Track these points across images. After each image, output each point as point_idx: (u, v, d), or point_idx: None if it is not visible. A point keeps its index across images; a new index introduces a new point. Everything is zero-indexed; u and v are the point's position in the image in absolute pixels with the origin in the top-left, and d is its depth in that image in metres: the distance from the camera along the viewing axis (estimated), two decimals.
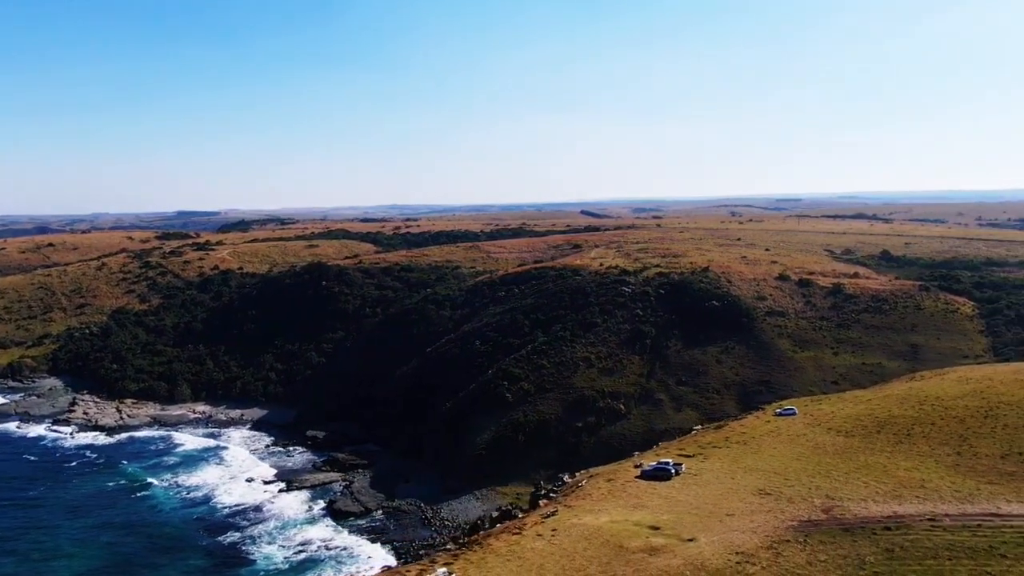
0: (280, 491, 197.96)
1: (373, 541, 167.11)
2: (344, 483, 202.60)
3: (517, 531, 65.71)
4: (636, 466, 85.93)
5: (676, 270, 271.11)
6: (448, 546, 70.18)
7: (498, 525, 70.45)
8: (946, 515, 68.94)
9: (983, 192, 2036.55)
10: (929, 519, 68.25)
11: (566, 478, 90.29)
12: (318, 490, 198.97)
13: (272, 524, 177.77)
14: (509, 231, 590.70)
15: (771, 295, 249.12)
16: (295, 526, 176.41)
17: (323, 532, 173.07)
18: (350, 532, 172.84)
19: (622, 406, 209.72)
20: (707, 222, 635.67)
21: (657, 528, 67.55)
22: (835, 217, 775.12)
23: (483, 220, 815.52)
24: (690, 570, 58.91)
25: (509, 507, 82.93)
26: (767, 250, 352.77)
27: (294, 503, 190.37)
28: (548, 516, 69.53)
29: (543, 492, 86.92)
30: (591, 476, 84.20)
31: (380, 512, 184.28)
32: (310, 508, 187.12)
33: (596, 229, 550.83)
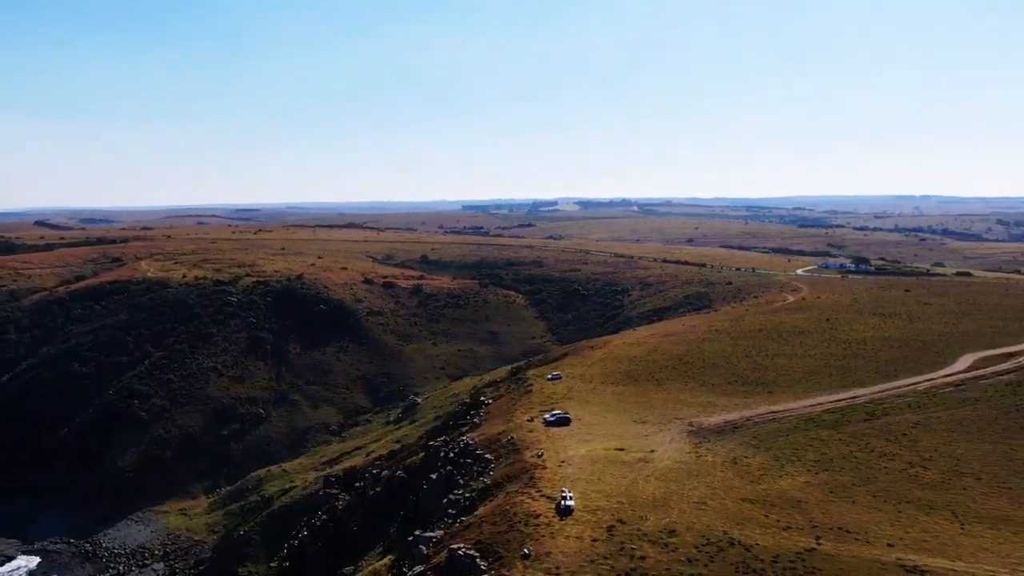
0: None
1: None
2: None
3: (542, 466, 79.64)
4: (529, 420, 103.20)
5: (271, 278, 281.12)
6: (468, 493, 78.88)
7: (506, 468, 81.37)
8: (752, 416, 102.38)
9: (409, 203, 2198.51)
10: (746, 419, 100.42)
11: (469, 440, 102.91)
12: None
13: None
14: None
15: (366, 297, 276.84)
16: None
17: None
18: None
19: (261, 410, 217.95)
20: (219, 232, 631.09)
21: (623, 449, 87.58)
22: (331, 227, 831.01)
23: None
24: (678, 465, 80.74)
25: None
26: (319, 258, 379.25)
27: None
28: (540, 455, 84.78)
29: (456, 453, 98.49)
30: (509, 431, 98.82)
31: (23, 558, 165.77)
32: None
33: (112, 241, 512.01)
